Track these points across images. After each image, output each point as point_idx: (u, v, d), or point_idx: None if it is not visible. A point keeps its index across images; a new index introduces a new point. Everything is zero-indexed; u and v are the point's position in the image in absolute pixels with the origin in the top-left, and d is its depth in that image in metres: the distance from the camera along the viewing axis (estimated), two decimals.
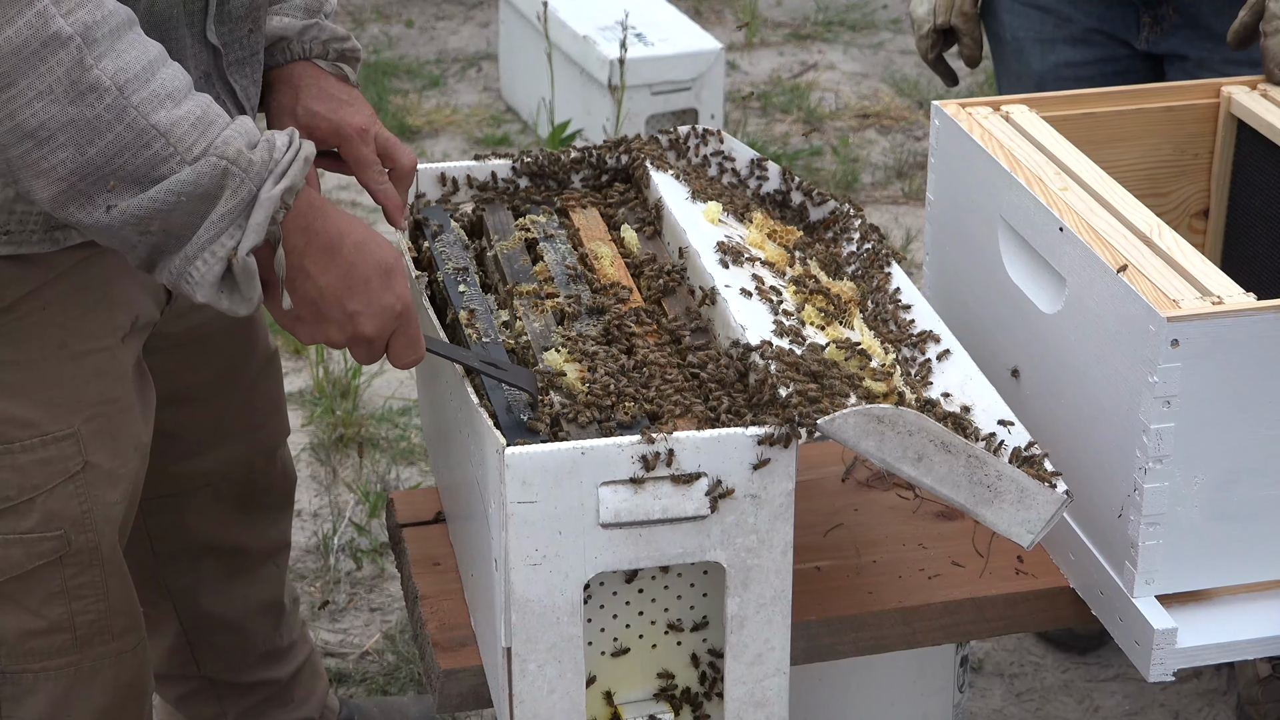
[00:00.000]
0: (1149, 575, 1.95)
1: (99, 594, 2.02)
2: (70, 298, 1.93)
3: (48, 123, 1.61)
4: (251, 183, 1.66)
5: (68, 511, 1.97)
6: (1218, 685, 2.97)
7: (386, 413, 3.75)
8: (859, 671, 2.21)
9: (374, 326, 1.76)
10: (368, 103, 2.07)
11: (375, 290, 1.75)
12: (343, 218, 1.75)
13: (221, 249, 1.66)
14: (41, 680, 2.02)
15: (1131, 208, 2.07)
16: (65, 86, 1.60)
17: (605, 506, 1.72)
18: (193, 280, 1.67)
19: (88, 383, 1.96)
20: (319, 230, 1.73)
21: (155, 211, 1.64)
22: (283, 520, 2.50)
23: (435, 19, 6.14)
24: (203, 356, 2.24)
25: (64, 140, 1.61)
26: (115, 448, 2.00)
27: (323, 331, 1.76)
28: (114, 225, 1.65)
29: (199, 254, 1.66)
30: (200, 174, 1.65)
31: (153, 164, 1.63)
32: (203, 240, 1.66)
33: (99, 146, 1.62)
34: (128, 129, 1.63)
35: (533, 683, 1.79)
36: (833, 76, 5.69)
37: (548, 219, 2.14)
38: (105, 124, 1.62)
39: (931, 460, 1.78)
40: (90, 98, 1.61)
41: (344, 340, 1.76)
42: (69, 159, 1.62)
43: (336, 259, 1.74)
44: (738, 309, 1.91)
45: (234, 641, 2.50)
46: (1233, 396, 1.89)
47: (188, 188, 1.64)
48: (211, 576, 2.44)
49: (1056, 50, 2.74)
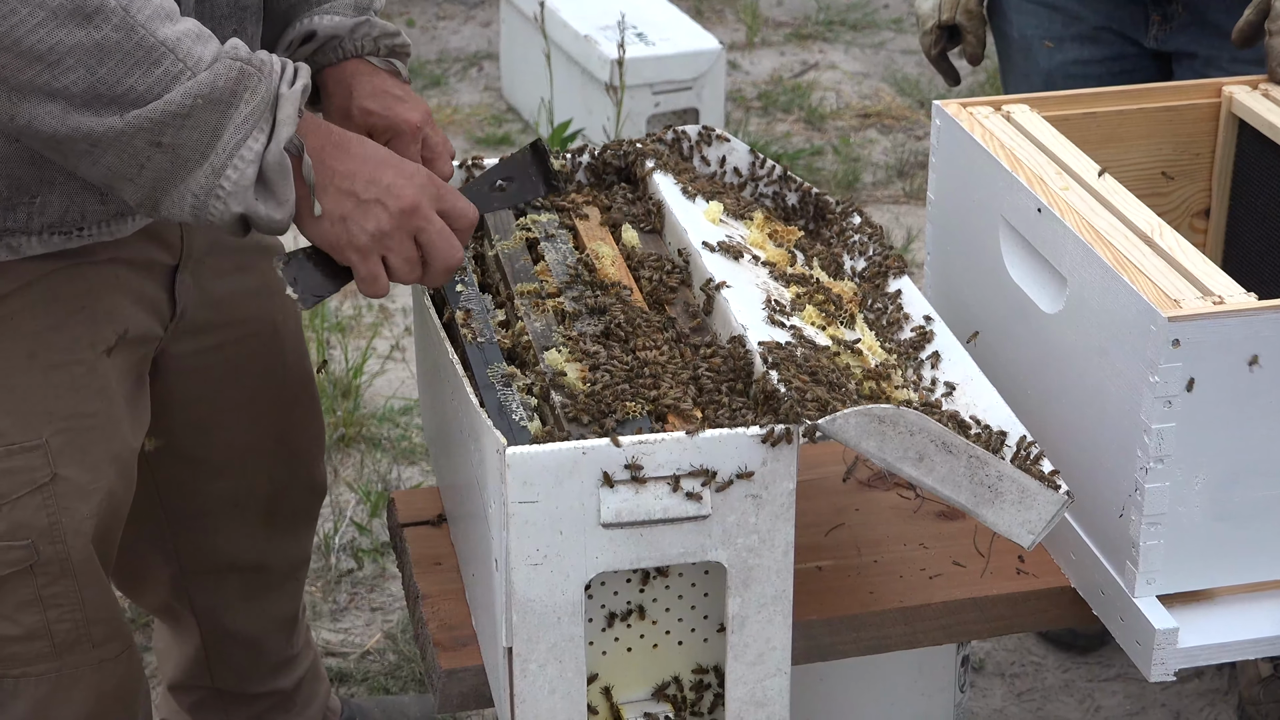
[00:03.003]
0: (1150, 575, 1.95)
1: (74, 603, 2.01)
2: (41, 308, 1.91)
3: (55, 46, 1.60)
4: (269, 81, 1.67)
5: (35, 522, 1.95)
6: (1219, 685, 2.97)
7: (388, 412, 3.75)
8: (860, 671, 2.21)
9: (413, 191, 1.75)
10: (422, 99, 2.07)
11: (397, 161, 1.76)
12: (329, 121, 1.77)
13: (250, 151, 1.65)
14: (22, 686, 2.02)
15: (1133, 207, 2.07)
16: (71, 9, 1.60)
17: (606, 506, 1.72)
18: (224, 192, 1.65)
19: (59, 395, 1.94)
20: (325, 128, 1.75)
21: (170, 116, 1.63)
22: (306, 536, 2.49)
23: (436, 18, 6.14)
24: (228, 379, 2.22)
25: (73, 62, 1.61)
26: (87, 461, 1.98)
27: (372, 217, 1.74)
28: (127, 132, 1.63)
29: (228, 161, 1.65)
30: (217, 76, 1.65)
31: (164, 81, 1.63)
32: (230, 145, 1.65)
33: (109, 66, 1.62)
34: (136, 47, 1.62)
35: (534, 682, 1.79)
36: (834, 76, 5.69)
37: (549, 219, 2.14)
38: (114, 43, 1.62)
39: (933, 460, 1.78)
40: (97, 19, 1.61)
41: (392, 222, 1.74)
42: (79, 79, 1.61)
43: (352, 148, 1.75)
44: (738, 308, 1.91)
45: (249, 656, 2.50)
46: (1234, 396, 1.89)
47: (204, 89, 1.64)
48: (235, 595, 2.43)
49: (1064, 48, 2.74)
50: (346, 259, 1.75)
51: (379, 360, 3.95)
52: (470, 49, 5.89)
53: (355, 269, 1.74)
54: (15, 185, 1.83)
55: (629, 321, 1.93)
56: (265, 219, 1.67)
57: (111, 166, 1.66)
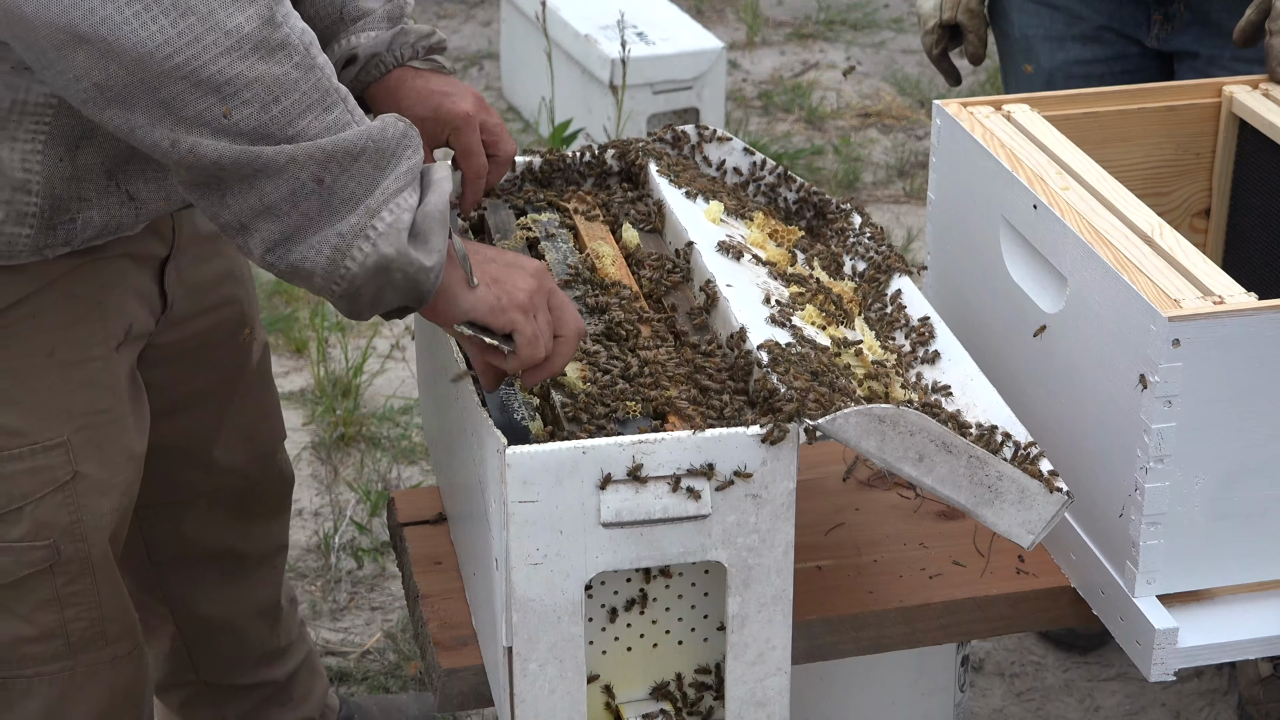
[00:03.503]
0: (1150, 575, 1.95)
1: (91, 601, 2.01)
2: (61, 306, 1.91)
3: (235, 78, 1.57)
4: (420, 144, 1.66)
5: (57, 521, 1.95)
6: (1219, 685, 2.97)
7: (388, 411, 3.75)
8: (860, 671, 2.21)
9: (533, 260, 1.74)
10: (469, 86, 2.06)
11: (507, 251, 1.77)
12: None
13: (406, 201, 1.63)
14: (35, 685, 2.02)
15: (1133, 207, 2.07)
16: (256, 42, 1.57)
17: (606, 506, 1.72)
18: (375, 233, 1.61)
19: (78, 392, 1.94)
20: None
21: (341, 153, 1.60)
22: (279, 523, 2.50)
23: (437, 17, 6.14)
24: (196, 366, 2.22)
25: (250, 96, 1.57)
26: (106, 458, 1.98)
27: (520, 278, 1.72)
28: (298, 158, 1.59)
29: (384, 204, 1.62)
30: (386, 126, 1.63)
31: (333, 129, 1.61)
32: (389, 191, 1.62)
33: (284, 104, 1.59)
34: (314, 88, 1.60)
35: (534, 682, 1.78)
36: (834, 75, 5.69)
37: (549, 218, 2.14)
38: (292, 81, 1.59)
39: (932, 460, 1.78)
40: (280, 54, 1.58)
41: (535, 283, 1.72)
42: (251, 116, 1.58)
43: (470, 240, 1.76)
44: (739, 308, 1.91)
45: (231, 644, 2.49)
46: (1234, 396, 1.88)
47: (375, 134, 1.62)
48: (208, 581, 2.43)
49: (1066, 48, 2.74)
50: (509, 322, 1.70)
51: (379, 360, 3.95)
52: (471, 48, 5.89)
53: (519, 330, 1.70)
54: (56, 205, 1.82)
55: (629, 321, 1.93)
56: (415, 263, 1.63)
57: (265, 196, 1.61)
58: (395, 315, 1.70)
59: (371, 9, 2.05)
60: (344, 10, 2.04)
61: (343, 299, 1.66)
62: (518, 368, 1.72)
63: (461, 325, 1.71)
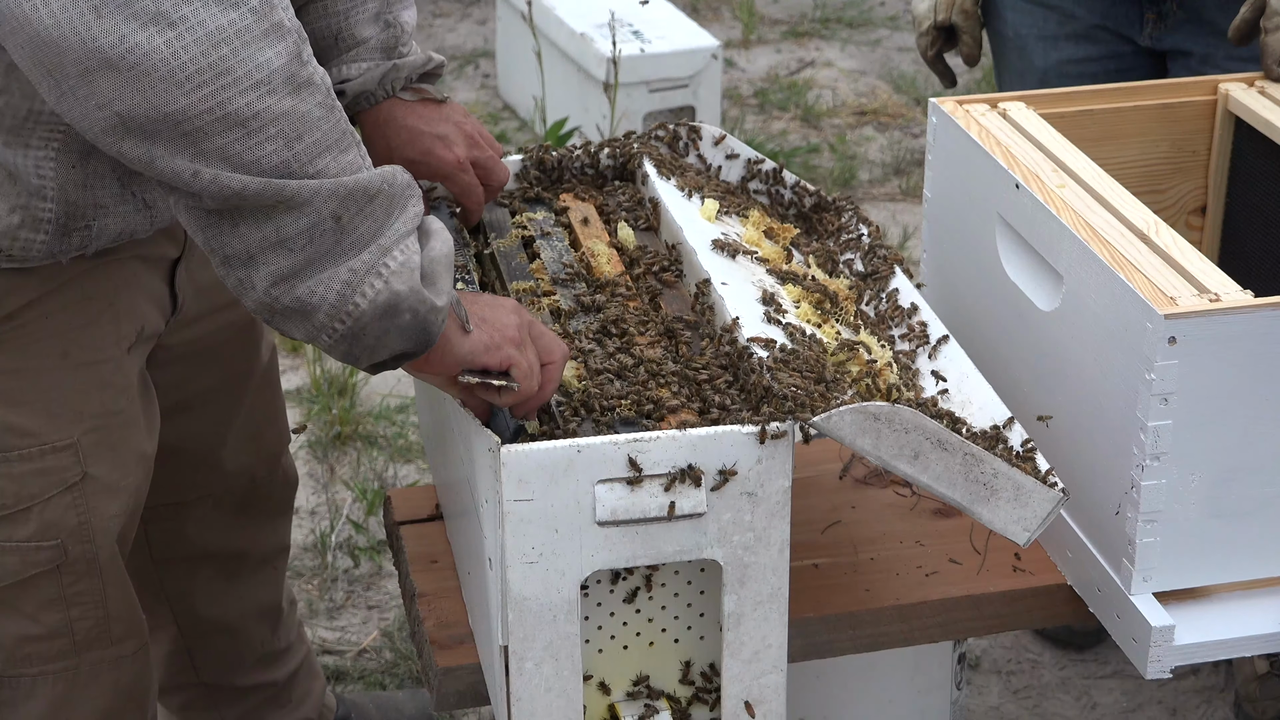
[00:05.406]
0: (1146, 572, 1.95)
1: (97, 601, 2.02)
2: (74, 307, 1.91)
3: (261, 113, 1.56)
4: (421, 201, 1.68)
5: (65, 522, 1.96)
6: (1215, 682, 2.97)
7: (384, 410, 3.75)
8: (856, 669, 2.21)
9: (514, 305, 1.75)
10: (457, 117, 2.06)
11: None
12: None
13: (413, 245, 1.64)
14: (39, 684, 2.02)
15: (1129, 205, 2.07)
16: (284, 78, 1.56)
17: (601, 504, 1.72)
18: (387, 270, 1.61)
19: (90, 393, 1.94)
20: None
21: (359, 191, 1.60)
22: (282, 525, 2.50)
23: (433, 16, 6.14)
24: (204, 368, 2.23)
25: (274, 133, 1.56)
26: (116, 459, 1.98)
27: (506, 315, 1.72)
28: (321, 193, 1.58)
29: (396, 243, 1.62)
30: (397, 173, 1.64)
31: (349, 170, 1.61)
32: (400, 232, 1.63)
33: (306, 142, 1.58)
34: (334, 128, 1.60)
35: (530, 681, 1.78)
36: (830, 74, 5.69)
37: (544, 217, 2.14)
38: (315, 119, 1.58)
39: (928, 458, 1.78)
40: (304, 91, 1.58)
41: (519, 318, 1.73)
42: (275, 153, 1.57)
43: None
44: (734, 306, 1.90)
45: (231, 645, 2.49)
46: (1230, 393, 1.88)
47: (389, 178, 1.63)
48: (209, 581, 2.43)
49: (1059, 47, 2.74)
50: (506, 358, 1.70)
51: None
52: (467, 47, 5.89)
53: (516, 365, 1.70)
54: (71, 211, 1.82)
55: (624, 319, 1.93)
56: (427, 302, 1.63)
57: (282, 229, 1.60)
58: (388, 366, 1.68)
59: (367, 38, 2.04)
60: (339, 37, 2.04)
61: (342, 340, 1.64)
62: (516, 402, 1.72)
63: (465, 375, 1.70)
